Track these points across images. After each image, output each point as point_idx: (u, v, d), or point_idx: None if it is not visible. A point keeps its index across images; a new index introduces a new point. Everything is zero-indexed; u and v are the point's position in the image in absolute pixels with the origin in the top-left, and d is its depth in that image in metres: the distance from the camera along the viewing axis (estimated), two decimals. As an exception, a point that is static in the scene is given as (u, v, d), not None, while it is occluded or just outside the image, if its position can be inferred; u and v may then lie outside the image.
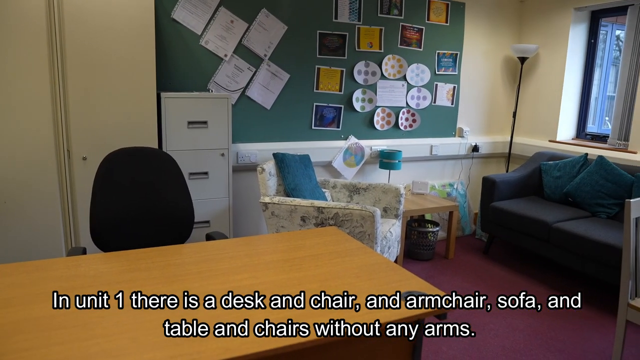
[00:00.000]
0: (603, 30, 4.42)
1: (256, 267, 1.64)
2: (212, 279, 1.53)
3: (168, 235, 2.20)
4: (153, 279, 1.51)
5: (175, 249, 1.80)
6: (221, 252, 1.78)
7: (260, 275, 1.58)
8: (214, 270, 1.60)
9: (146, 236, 2.15)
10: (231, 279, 1.54)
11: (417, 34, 4.17)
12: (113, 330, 1.20)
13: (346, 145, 4.00)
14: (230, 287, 1.47)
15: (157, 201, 2.17)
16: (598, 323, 3.01)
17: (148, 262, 1.65)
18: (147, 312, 1.30)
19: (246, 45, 3.52)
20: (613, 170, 3.60)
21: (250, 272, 1.60)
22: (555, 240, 3.43)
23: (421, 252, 3.97)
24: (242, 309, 1.33)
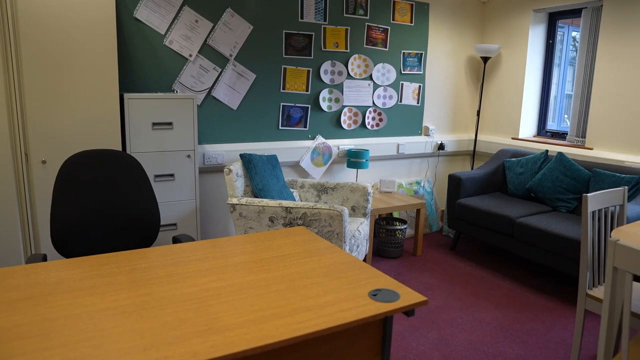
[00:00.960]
0: (560, 31, 4.56)
1: (224, 269, 1.63)
2: (179, 283, 1.50)
3: (133, 239, 2.16)
4: (118, 284, 1.48)
5: (140, 253, 1.77)
6: (188, 255, 1.76)
7: (228, 277, 1.56)
8: (181, 273, 1.58)
9: (110, 241, 2.10)
10: (198, 281, 1.52)
11: (382, 34, 4.21)
12: (75, 338, 1.17)
13: (314, 145, 4.01)
14: (198, 289, 1.46)
15: (121, 205, 2.12)
16: (559, 313, 3.11)
17: (112, 267, 1.61)
18: (112, 318, 1.27)
19: (211, 45, 3.48)
20: (572, 166, 3.72)
21: (217, 274, 1.58)
22: (518, 235, 3.52)
23: (390, 249, 4.01)
24: (210, 312, 1.32)
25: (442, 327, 2.91)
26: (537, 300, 3.30)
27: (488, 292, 3.41)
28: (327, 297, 1.43)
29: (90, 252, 2.05)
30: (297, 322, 1.28)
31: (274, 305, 1.37)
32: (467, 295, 3.34)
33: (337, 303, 1.39)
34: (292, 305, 1.38)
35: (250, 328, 1.24)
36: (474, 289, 3.46)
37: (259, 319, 1.29)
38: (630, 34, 3.69)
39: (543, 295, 3.38)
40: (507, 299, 3.31)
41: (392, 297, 1.43)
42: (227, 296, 1.42)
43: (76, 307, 1.33)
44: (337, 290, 1.48)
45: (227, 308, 1.35)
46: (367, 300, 1.41)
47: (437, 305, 3.19)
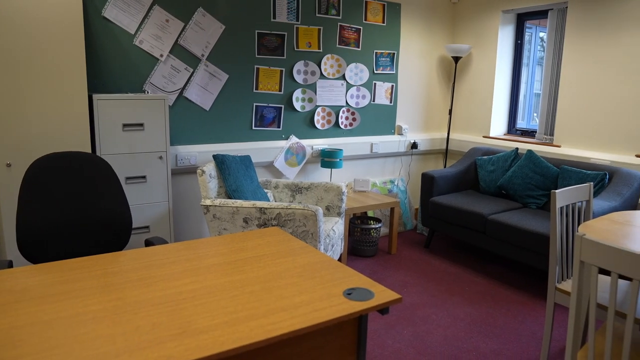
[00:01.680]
0: (528, 32, 4.66)
1: (197, 271, 1.61)
2: (152, 286, 1.48)
3: (105, 243, 2.12)
4: (88, 290, 1.45)
5: (112, 256, 1.74)
6: (161, 257, 1.73)
7: (202, 279, 1.55)
8: (154, 276, 1.56)
9: (81, 245, 2.06)
10: (172, 284, 1.50)
11: (355, 34, 4.23)
12: (44, 346, 1.14)
13: (287, 145, 4.00)
14: (171, 293, 1.44)
15: (91, 208, 2.08)
16: (530, 307, 3.18)
17: (83, 272, 1.58)
18: (82, 324, 1.25)
19: (183, 45, 3.44)
20: (540, 163, 3.81)
21: (191, 276, 1.57)
22: (490, 232, 3.59)
23: (365, 248, 4.04)
24: (184, 315, 1.30)
25: (417, 324, 2.94)
26: (509, 295, 3.36)
27: (461, 288, 3.47)
28: (301, 297, 1.43)
29: (59, 257, 2.00)
30: (271, 322, 1.28)
31: (249, 307, 1.37)
32: (441, 292, 3.39)
33: (311, 303, 1.40)
34: (266, 306, 1.37)
35: (224, 330, 1.24)
36: (448, 285, 3.51)
37: (233, 321, 1.28)
38: (593, 35, 3.80)
39: (515, 290, 3.45)
40: (480, 294, 3.37)
41: (367, 295, 1.44)
42: (201, 298, 1.41)
43: (45, 314, 1.29)
44: (311, 290, 1.48)
45: (201, 310, 1.33)
46: (341, 300, 1.42)
47: (412, 302, 3.22)
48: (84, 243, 2.06)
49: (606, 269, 1.57)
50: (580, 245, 1.66)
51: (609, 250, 1.57)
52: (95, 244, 2.09)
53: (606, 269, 1.57)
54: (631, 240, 2.11)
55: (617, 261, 1.56)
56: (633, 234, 2.19)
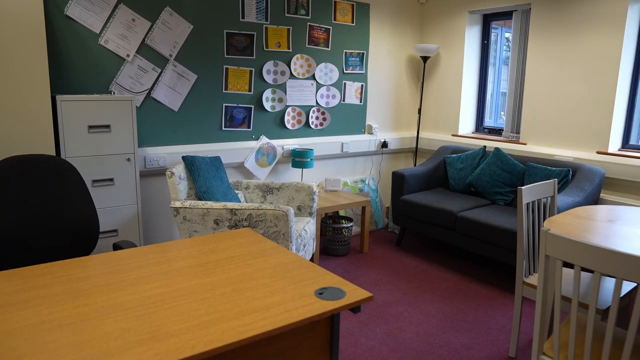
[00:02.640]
0: (494, 32, 4.76)
1: (167, 274, 1.59)
2: (120, 291, 1.45)
3: (71, 248, 2.07)
4: (54, 296, 1.41)
5: (78, 262, 1.70)
6: (130, 261, 1.70)
7: (172, 282, 1.53)
8: (122, 281, 1.53)
9: (46, 251, 2.00)
10: (141, 288, 1.47)
11: (324, 34, 4.24)
12: (6, 357, 1.11)
13: (258, 145, 3.98)
14: (140, 297, 1.41)
15: (56, 212, 2.02)
16: (500, 301, 3.25)
17: (47, 279, 1.54)
18: (47, 332, 1.21)
19: (150, 45, 3.38)
20: (507, 160, 3.89)
21: (161, 280, 1.54)
22: (460, 229, 3.65)
23: (337, 247, 4.05)
24: (154, 319, 1.28)
25: (390, 321, 2.97)
26: (479, 290, 3.43)
27: (433, 285, 3.51)
28: (273, 297, 1.43)
29: (23, 264, 1.95)
30: (243, 324, 1.27)
31: (220, 309, 1.35)
32: (413, 289, 3.43)
33: (283, 303, 1.39)
34: (238, 307, 1.37)
35: (195, 333, 1.22)
36: (419, 282, 3.55)
37: (205, 324, 1.27)
38: (555, 36, 3.91)
39: (484, 285, 3.52)
40: (451, 290, 3.42)
41: (338, 294, 1.44)
42: (171, 302, 1.39)
43: (7, 323, 1.25)
44: (283, 291, 1.48)
45: (171, 314, 1.32)
46: (313, 299, 1.42)
47: (385, 300, 3.25)
48: (48, 249, 2.01)
49: (570, 263, 1.61)
50: (545, 240, 1.70)
51: (572, 244, 1.62)
52: (61, 250, 2.04)
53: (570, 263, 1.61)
54: (593, 234, 2.18)
55: (579, 255, 1.61)
56: (595, 228, 2.26)
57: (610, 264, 1.54)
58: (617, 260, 1.52)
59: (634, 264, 1.49)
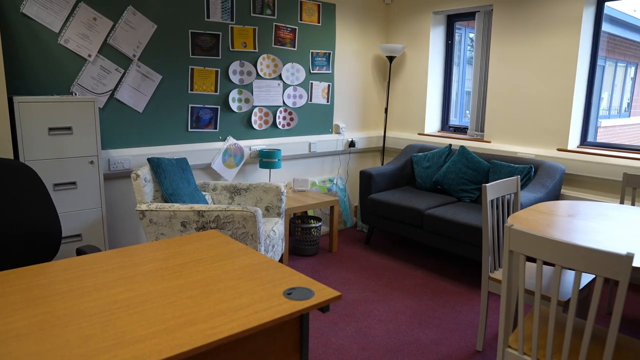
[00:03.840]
0: (458, 33, 4.85)
1: (133, 278, 1.56)
2: (83, 297, 1.42)
3: (31, 254, 2.00)
4: (12, 305, 1.36)
5: (39, 268, 1.64)
6: (93, 266, 1.66)
7: (138, 287, 1.50)
8: (86, 287, 1.49)
9: (4, 259, 1.93)
10: (105, 294, 1.44)
11: (290, 34, 4.23)
12: (-37, 366, 1.07)
13: (225, 146, 3.94)
14: (104, 302, 1.38)
15: (15, 218, 1.96)
16: (467, 297, 3.31)
17: (5, 287, 1.48)
18: (3, 343, 1.17)
19: (112, 44, 3.31)
20: (472, 158, 3.97)
21: (126, 284, 1.51)
22: (428, 226, 3.70)
23: (306, 247, 4.05)
24: (118, 325, 1.25)
25: (360, 319, 2.99)
26: (447, 287, 3.49)
27: (401, 282, 3.55)
28: (241, 299, 1.42)
29: (-20, 271, 1.87)
30: (211, 327, 1.26)
31: (187, 312, 1.34)
32: (382, 287, 3.46)
33: (251, 305, 1.38)
34: (205, 310, 1.35)
35: (162, 338, 1.20)
36: (388, 280, 3.59)
37: (172, 328, 1.25)
38: (517, 36, 4.01)
39: (452, 282, 3.58)
40: (420, 287, 3.47)
41: (307, 294, 1.44)
42: (137, 307, 1.36)
43: (-37, 333, 1.20)
44: (251, 292, 1.47)
45: (136, 319, 1.29)
46: (281, 300, 1.42)
47: (354, 298, 3.27)
48: (7, 256, 1.94)
49: (533, 257, 1.66)
50: (508, 235, 1.75)
51: (534, 239, 1.67)
52: (20, 257, 1.97)
53: (533, 257, 1.66)
54: (554, 228, 2.24)
55: (541, 249, 1.65)
56: (556, 223, 2.33)
57: (570, 257, 1.59)
58: (576, 253, 1.57)
59: (592, 256, 1.54)
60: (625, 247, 2.01)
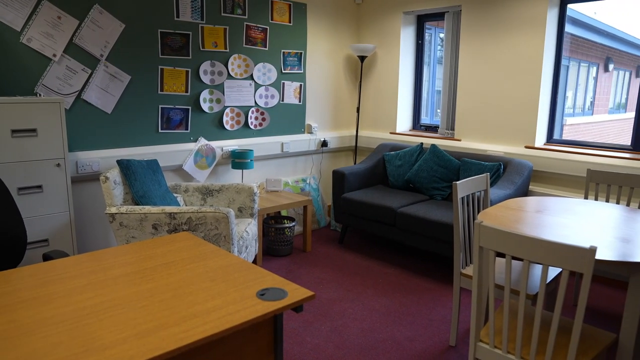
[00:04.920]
0: (428, 32, 4.91)
1: (103, 283, 1.53)
2: (50, 304, 1.38)
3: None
4: (-25, 313, 1.32)
5: (2, 275, 1.59)
6: (61, 272, 1.62)
7: (108, 291, 1.47)
8: (53, 293, 1.45)
9: (-34, 264, 1.87)
10: (73, 300, 1.41)
11: (261, 34, 4.22)
12: None
13: (196, 147, 3.90)
14: (73, 309, 1.35)
15: (-23, 223, 1.89)
16: (440, 293, 3.36)
17: (-32, 294, 1.44)
18: (-31, 351, 1.13)
19: (79, 44, 3.23)
20: (443, 156, 4.03)
21: (96, 289, 1.48)
22: (400, 224, 3.74)
23: (280, 248, 4.04)
24: (87, 332, 1.23)
25: (335, 318, 3.00)
26: (420, 284, 3.53)
27: (375, 280, 3.58)
28: (214, 301, 1.41)
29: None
30: (183, 330, 1.25)
31: (159, 316, 1.32)
32: (356, 286, 3.48)
33: (224, 307, 1.37)
34: (178, 313, 1.33)
35: (133, 343, 1.18)
36: (362, 279, 3.61)
37: (143, 332, 1.23)
38: (485, 37, 4.08)
39: (425, 279, 3.63)
40: (393, 285, 3.50)
41: (280, 295, 1.44)
42: (107, 312, 1.34)
43: None
44: (224, 294, 1.46)
45: (106, 325, 1.26)
46: (255, 301, 1.41)
47: (329, 298, 3.28)
48: (-30, 262, 1.88)
49: (502, 252, 1.69)
50: (478, 232, 1.78)
51: (503, 235, 1.70)
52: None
53: (502, 252, 1.69)
54: (523, 224, 2.29)
55: (510, 244, 1.69)
56: (524, 219, 2.38)
57: (537, 252, 1.62)
58: (543, 248, 1.61)
59: (558, 251, 1.58)
60: (589, 240, 2.07)
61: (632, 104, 3.57)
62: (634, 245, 2.00)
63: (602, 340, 1.90)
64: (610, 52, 4.85)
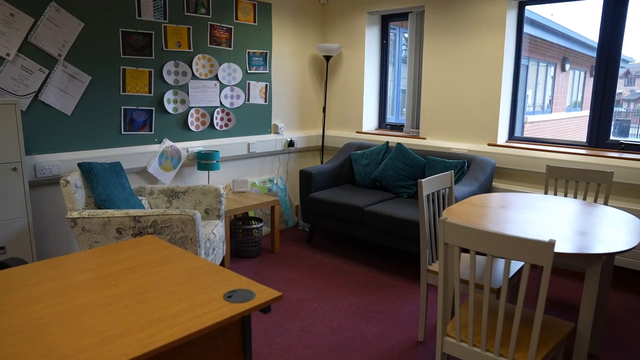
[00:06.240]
0: (393, 32, 4.97)
1: (63, 290, 1.48)
2: (6, 314, 1.33)
3: (-53, 269, 1.86)
4: None
5: (-44, 284, 1.53)
6: (18, 280, 1.56)
7: (69, 299, 1.43)
8: (9, 302, 1.40)
9: None
10: (31, 309, 1.36)
11: (226, 34, 4.18)
12: None
13: (161, 148, 3.83)
14: (31, 318, 1.30)
15: None
16: (407, 290, 3.40)
17: None
18: None
19: (35, 43, 3.13)
20: (409, 154, 4.08)
21: (56, 297, 1.43)
22: (368, 223, 3.77)
23: (248, 249, 4.02)
24: (47, 341, 1.19)
25: (304, 318, 3.00)
26: (388, 281, 3.57)
27: (344, 279, 3.60)
28: (180, 305, 1.39)
29: None
30: (149, 335, 1.22)
31: (123, 322, 1.29)
32: (325, 285, 3.49)
33: (191, 310, 1.35)
34: (143, 318, 1.31)
35: (96, 351, 1.15)
36: (331, 278, 3.62)
37: (107, 339, 1.20)
38: (447, 37, 4.16)
39: (393, 276, 3.67)
40: (362, 283, 3.53)
41: (248, 296, 1.43)
42: (68, 320, 1.30)
43: None
44: (190, 297, 1.44)
45: (67, 333, 1.23)
46: (222, 303, 1.40)
47: (298, 297, 3.28)
48: None
49: (466, 248, 1.73)
50: (443, 228, 1.81)
51: (466, 231, 1.74)
52: None
53: (466, 248, 1.73)
54: (487, 220, 2.35)
55: (473, 240, 1.72)
56: (488, 215, 2.44)
57: (500, 246, 1.66)
58: (505, 242, 1.65)
59: (519, 245, 1.62)
60: (549, 234, 2.13)
61: (587, 102, 3.70)
62: (590, 238, 2.08)
63: (562, 329, 1.97)
64: (567, 52, 5.02)
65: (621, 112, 4.01)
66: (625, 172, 3.34)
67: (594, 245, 1.99)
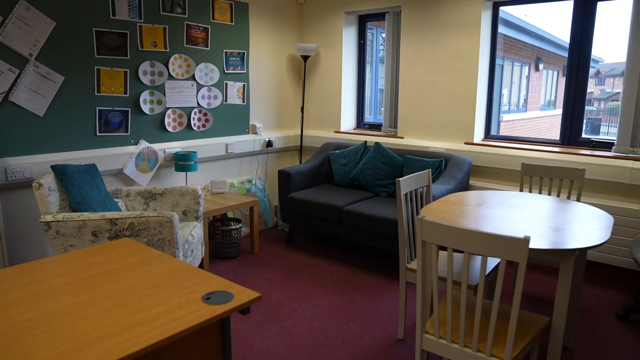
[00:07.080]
0: (370, 32, 4.99)
1: (36, 296, 1.45)
2: (-22, 319, 1.30)
3: None
4: None
5: None
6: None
7: (43, 304, 1.40)
8: (-19, 308, 1.37)
9: None
10: (4, 315, 1.33)
11: (203, 33, 4.14)
12: None
13: (137, 150, 3.78)
14: (2, 325, 1.27)
15: None
16: (387, 288, 3.42)
17: None
18: None
19: (4, 42, 3.05)
20: (387, 154, 4.11)
21: (28, 303, 1.40)
22: (347, 222, 3.78)
23: (227, 250, 3.99)
24: (19, 349, 1.16)
25: (284, 319, 2.99)
26: (368, 280, 3.58)
27: (324, 279, 3.60)
28: (158, 308, 1.37)
29: None
30: (126, 340, 1.21)
31: (100, 327, 1.27)
32: (304, 285, 3.49)
33: (169, 313, 1.34)
34: (120, 322, 1.29)
35: (71, 357, 1.13)
36: (310, 278, 3.62)
37: (82, 345, 1.18)
38: (424, 37, 4.20)
39: (372, 275, 3.69)
40: (341, 283, 3.54)
41: (226, 298, 1.42)
42: (42, 326, 1.27)
43: None
44: (168, 300, 1.42)
45: (42, 340, 1.20)
46: (200, 305, 1.39)
47: (278, 298, 3.27)
48: None
49: (444, 246, 1.75)
50: (421, 226, 1.83)
51: (443, 229, 1.76)
52: None
53: (444, 246, 1.75)
54: (464, 218, 2.38)
55: (450, 238, 1.75)
56: (465, 213, 2.47)
57: (476, 243, 1.69)
58: (481, 240, 1.68)
59: (495, 242, 1.65)
60: (524, 231, 2.17)
61: (561, 101, 3.78)
62: (564, 234, 2.12)
63: (538, 323, 2.00)
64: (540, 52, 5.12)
65: (592, 111, 4.11)
66: (597, 169, 3.42)
67: (567, 240, 2.03)
